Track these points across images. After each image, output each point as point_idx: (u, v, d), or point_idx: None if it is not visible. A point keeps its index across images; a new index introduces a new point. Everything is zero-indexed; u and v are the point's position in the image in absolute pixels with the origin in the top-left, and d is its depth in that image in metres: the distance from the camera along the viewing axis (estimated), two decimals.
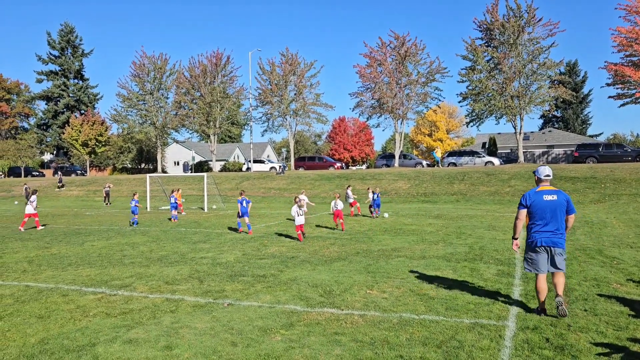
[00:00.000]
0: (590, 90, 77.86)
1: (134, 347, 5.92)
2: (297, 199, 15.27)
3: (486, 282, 8.88)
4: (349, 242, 14.32)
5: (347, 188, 23.98)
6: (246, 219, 16.81)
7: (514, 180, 34.36)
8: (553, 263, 6.98)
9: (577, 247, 12.74)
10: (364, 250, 12.74)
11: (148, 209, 29.74)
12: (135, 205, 21.13)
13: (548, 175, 7.06)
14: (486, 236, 15.20)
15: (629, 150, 39.98)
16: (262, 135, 76.18)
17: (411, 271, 9.89)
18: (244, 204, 16.99)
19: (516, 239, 7.25)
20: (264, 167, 54.16)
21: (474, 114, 45.27)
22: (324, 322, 6.69)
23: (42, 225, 19.95)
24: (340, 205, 17.88)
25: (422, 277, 9.34)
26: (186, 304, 7.65)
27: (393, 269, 10.08)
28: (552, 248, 6.91)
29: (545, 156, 53.05)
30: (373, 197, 22.41)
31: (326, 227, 18.24)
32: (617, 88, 40.50)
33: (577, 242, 13.59)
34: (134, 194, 22.43)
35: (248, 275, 9.67)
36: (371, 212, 21.96)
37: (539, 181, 7.15)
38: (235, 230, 17.58)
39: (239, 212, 16.94)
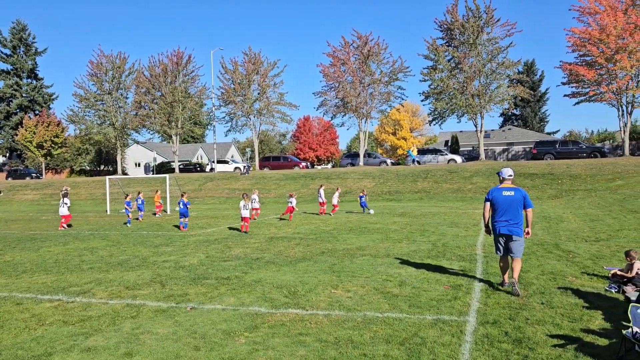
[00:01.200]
0: (547, 89, 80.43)
1: (92, 355, 5.78)
2: (245, 195, 18.04)
3: (448, 278, 9.07)
4: (314, 242, 14.36)
5: (320, 187, 24.14)
6: (186, 219, 18.64)
7: (476, 177, 35.17)
8: (510, 249, 8.20)
9: (535, 242, 13.14)
10: (329, 249, 12.80)
11: (108, 212, 29.04)
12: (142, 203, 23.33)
13: (510, 176, 8.43)
14: (449, 233, 15.51)
15: (584, 147, 41.51)
16: (226, 135, 75.36)
17: (375, 270, 9.99)
18: (181, 205, 18.76)
19: (486, 226, 8.53)
20: (228, 168, 53.69)
21: (436, 113, 46.07)
22: (288, 323, 6.70)
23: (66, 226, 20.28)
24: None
25: (386, 275, 9.45)
26: (147, 309, 7.52)
27: (358, 268, 10.17)
28: (508, 235, 8.17)
29: (506, 153, 54.48)
30: (361, 198, 23.66)
31: (300, 225, 18.18)
32: (572, 87, 41.96)
33: (535, 237, 14.02)
34: (139, 193, 23.89)
35: (212, 277, 9.58)
36: (363, 209, 23.49)
37: (502, 180, 8.45)
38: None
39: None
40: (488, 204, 8.41)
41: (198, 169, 56.23)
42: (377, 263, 10.73)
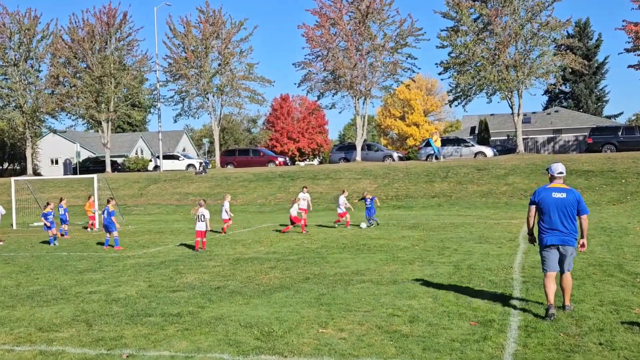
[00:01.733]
0: (606, 58, 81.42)
1: None
2: (202, 202, 18.45)
3: (476, 312, 9.12)
4: (295, 264, 14.36)
5: (342, 194, 24.11)
6: (114, 233, 18.87)
7: (512, 176, 35.47)
8: (561, 263, 8.93)
9: (591, 261, 13.27)
10: (315, 274, 12.80)
11: (14, 227, 28.78)
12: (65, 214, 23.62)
13: (561, 173, 9.11)
14: (476, 251, 15.58)
15: None
16: (175, 122, 75.43)
17: (378, 301, 10.01)
18: (105, 215, 18.96)
19: (530, 234, 9.32)
20: (179, 165, 53.59)
21: (458, 90, 46.38)
22: None
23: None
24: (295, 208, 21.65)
25: (393, 308, 9.47)
26: (69, 358, 7.46)
27: (354, 299, 10.18)
28: (559, 246, 8.86)
29: (552, 144, 55.01)
30: (366, 204, 23.28)
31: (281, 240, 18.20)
32: (639, 55, 42.49)
33: (591, 254, 14.16)
34: (61, 200, 24.13)
35: (156, 314, 9.53)
36: (370, 225, 22.97)
37: (552, 178, 9.17)
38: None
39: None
40: (534, 207, 9.10)
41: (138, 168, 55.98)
42: (381, 292, 10.74)
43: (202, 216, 17.84)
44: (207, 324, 8.82)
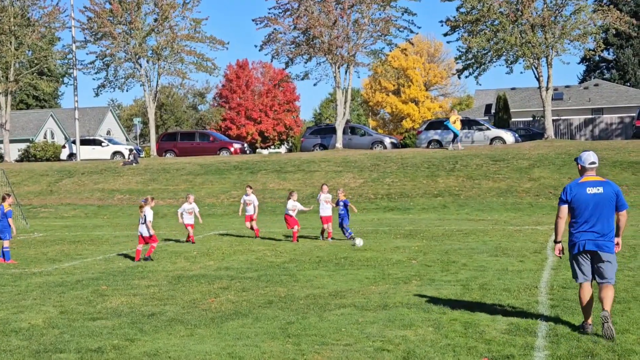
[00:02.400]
0: None
1: None
2: (147, 200, 18.92)
3: (490, 344, 9.18)
4: (254, 283, 14.32)
5: (291, 197, 22.92)
6: (5, 242, 18.76)
7: (538, 168, 35.78)
8: (599, 272, 9.48)
9: (638, 280, 13.44)
10: (281, 297, 12.78)
11: None
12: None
13: (593, 163, 9.61)
14: (491, 266, 15.67)
15: None
16: (98, 95, 74.63)
17: (363, 332, 10.02)
18: None
19: (559, 242, 9.83)
20: (102, 153, 53.18)
21: (470, 56, 46.61)
22: None
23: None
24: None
25: (382, 340, 9.49)
26: None
27: (332, 329, 10.19)
28: (598, 253, 9.41)
29: (590, 127, 55.61)
30: (339, 209, 22.16)
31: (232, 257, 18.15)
32: None
33: (639, 271, 14.32)
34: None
35: (70, 349, 9.47)
36: (343, 233, 21.96)
37: (582, 170, 9.70)
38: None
39: None
40: (566, 207, 9.62)
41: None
42: (367, 320, 10.75)
43: (144, 217, 18.13)
44: None
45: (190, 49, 52.97)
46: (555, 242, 9.92)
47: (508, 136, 45.73)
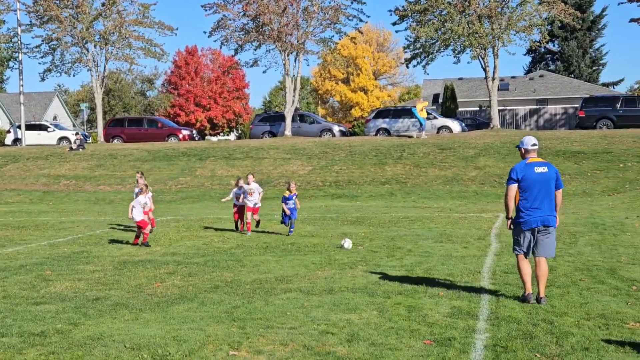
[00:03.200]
0: (603, 10, 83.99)
1: None
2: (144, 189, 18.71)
3: (432, 328, 9.30)
4: (201, 269, 14.30)
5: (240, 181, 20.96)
6: None
7: (484, 157, 36.19)
8: (541, 246, 10.51)
9: (578, 265, 13.72)
10: (227, 282, 12.79)
11: None
12: None
13: (535, 145, 10.54)
14: (436, 252, 15.84)
15: None
16: (44, 80, 73.33)
17: (308, 315, 10.08)
18: None
19: (510, 218, 10.66)
20: (48, 138, 52.46)
21: (418, 46, 46.91)
22: None
23: None
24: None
25: (327, 323, 9.56)
26: None
27: (277, 313, 10.23)
28: (542, 228, 10.39)
29: (535, 117, 56.37)
30: (287, 203, 19.64)
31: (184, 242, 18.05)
32: None
33: (579, 257, 14.63)
34: None
35: (12, 333, 9.35)
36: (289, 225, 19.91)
37: (526, 153, 10.59)
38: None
39: None
40: (515, 186, 10.44)
41: None
42: (312, 304, 10.82)
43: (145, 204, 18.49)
44: (81, 346, 8.68)
45: (139, 34, 52.49)
46: (507, 217, 10.70)
47: (455, 125, 46.17)
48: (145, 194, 18.72)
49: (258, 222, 20.83)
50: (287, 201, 19.57)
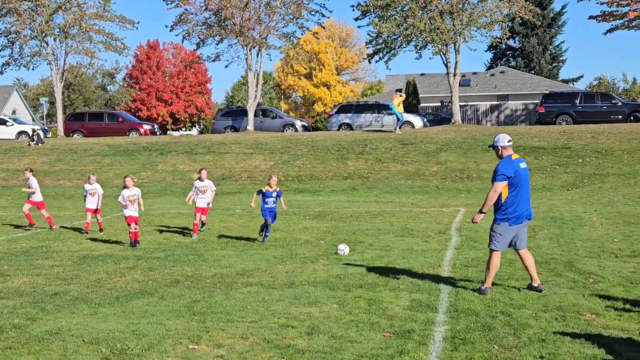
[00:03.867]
0: (563, 7, 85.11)
1: None
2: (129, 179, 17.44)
3: (392, 320, 9.38)
4: (161, 263, 14.30)
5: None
6: None
7: (445, 152, 36.43)
8: (521, 239, 10.89)
9: (536, 258, 13.80)
10: (187, 276, 12.80)
11: None
12: None
13: (510, 141, 10.97)
14: (397, 246, 15.95)
15: (620, 103, 44.24)
16: (2, 74, 72.36)
17: (269, 309, 10.12)
18: None
19: (484, 212, 10.86)
20: (6, 133, 51.84)
21: (380, 41, 47.01)
22: None
23: None
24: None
25: (287, 317, 9.62)
26: None
27: (238, 307, 10.26)
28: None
29: (495, 112, 56.89)
30: (266, 201, 17.10)
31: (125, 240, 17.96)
32: (602, 3, 44.46)
33: (537, 250, 14.81)
34: None
35: None
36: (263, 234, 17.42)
37: (503, 150, 10.97)
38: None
39: None
40: (506, 182, 10.66)
41: None
42: (273, 298, 10.86)
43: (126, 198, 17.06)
44: (39, 341, 8.64)
45: (99, 27, 51.89)
46: (482, 212, 10.92)
47: (417, 121, 46.39)
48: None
49: (203, 224, 19.18)
50: (267, 199, 17.03)
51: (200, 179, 18.69)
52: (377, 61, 49.23)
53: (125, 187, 17.10)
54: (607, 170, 31.53)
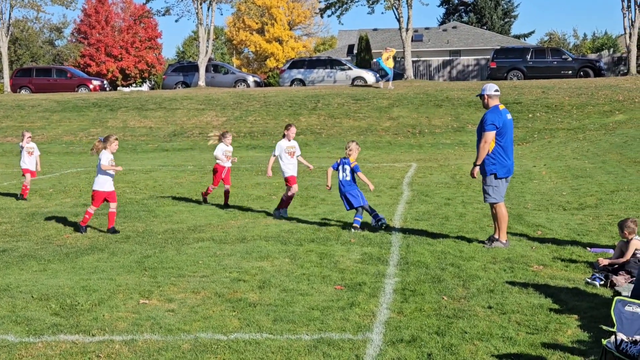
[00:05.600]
0: None
1: None
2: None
3: (343, 273, 9.48)
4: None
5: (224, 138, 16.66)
6: None
7: (397, 108, 36.55)
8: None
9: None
10: (138, 232, 12.81)
11: None
12: None
13: (497, 91, 10.96)
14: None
15: (570, 59, 44.81)
16: None
17: (220, 264, 10.15)
18: None
19: (479, 165, 10.80)
20: None
21: None
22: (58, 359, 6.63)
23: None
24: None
25: (239, 271, 9.67)
26: None
27: (189, 262, 10.28)
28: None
29: (448, 68, 57.07)
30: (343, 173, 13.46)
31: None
32: None
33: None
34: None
35: None
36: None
37: (489, 99, 10.93)
38: None
39: None
40: (494, 132, 10.60)
41: None
42: (225, 252, 10.89)
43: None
44: None
45: None
46: (476, 164, 10.86)
47: (369, 76, 46.33)
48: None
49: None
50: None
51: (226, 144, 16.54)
52: (329, 16, 49.20)
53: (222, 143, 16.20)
54: (556, 125, 31.96)
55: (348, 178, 13.11)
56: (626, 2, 44.22)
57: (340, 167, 13.32)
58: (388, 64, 40.25)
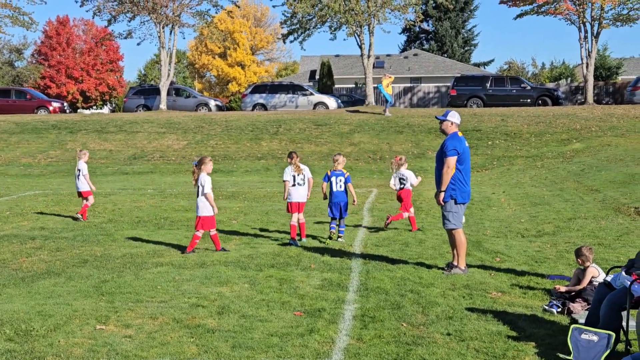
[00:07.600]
0: None
1: None
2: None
3: (303, 300, 9.45)
4: (69, 243, 14.08)
5: (399, 164, 15.85)
6: None
7: (359, 134, 36.74)
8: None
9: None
10: (96, 257, 12.64)
11: None
12: None
13: (460, 120, 11.19)
14: (309, 226, 16.02)
15: (529, 87, 45.45)
16: None
17: (179, 289, 10.07)
18: None
19: (444, 191, 10.85)
20: None
21: (295, 21, 46.98)
22: None
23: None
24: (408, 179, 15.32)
25: (198, 296, 9.59)
26: None
27: (147, 287, 10.17)
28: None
29: (409, 95, 57.55)
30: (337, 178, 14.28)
31: (67, 217, 17.56)
32: None
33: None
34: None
35: None
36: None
37: (452, 127, 11.08)
38: None
39: None
40: (456, 158, 10.81)
41: None
42: (183, 278, 10.81)
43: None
44: None
45: (6, 1, 50.34)
46: (442, 191, 10.88)
47: (331, 102, 46.63)
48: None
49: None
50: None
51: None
52: (291, 41, 49.58)
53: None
54: (515, 152, 32.35)
55: (342, 189, 14.02)
56: (583, 33, 45.07)
57: (333, 179, 14.05)
58: (388, 91, 40.57)
